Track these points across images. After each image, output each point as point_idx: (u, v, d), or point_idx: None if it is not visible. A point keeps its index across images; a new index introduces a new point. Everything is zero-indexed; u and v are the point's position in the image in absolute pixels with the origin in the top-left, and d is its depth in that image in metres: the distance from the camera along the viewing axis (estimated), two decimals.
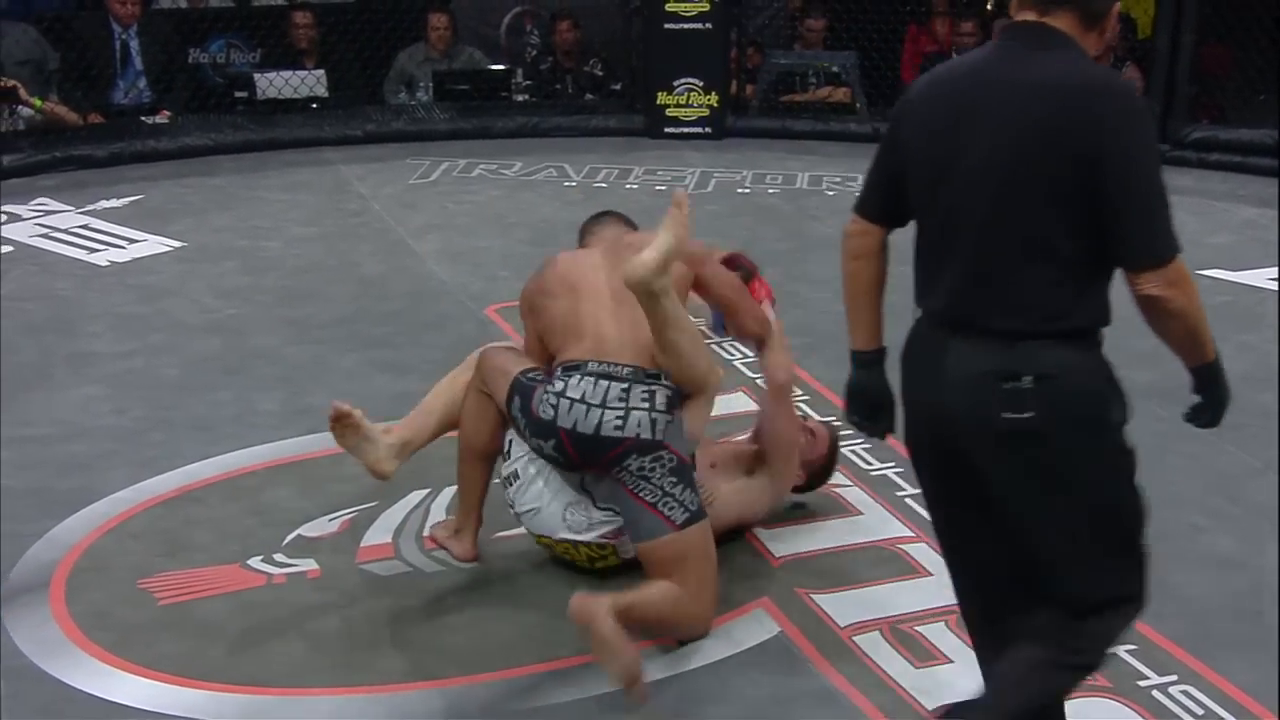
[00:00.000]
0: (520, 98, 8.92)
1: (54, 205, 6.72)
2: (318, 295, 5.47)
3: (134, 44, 8.13)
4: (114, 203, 6.76)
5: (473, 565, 3.31)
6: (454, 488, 3.40)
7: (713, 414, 4.17)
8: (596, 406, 3.00)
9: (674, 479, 3.02)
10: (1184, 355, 2.24)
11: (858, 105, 8.45)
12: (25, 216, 6.51)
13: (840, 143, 8.18)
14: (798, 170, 7.62)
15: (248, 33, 8.91)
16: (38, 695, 2.83)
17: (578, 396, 3.02)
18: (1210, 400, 2.29)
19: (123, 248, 6.08)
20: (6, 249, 6.03)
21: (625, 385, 3.03)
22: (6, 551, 3.35)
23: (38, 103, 7.57)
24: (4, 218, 6.45)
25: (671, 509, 3.00)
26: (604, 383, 3.03)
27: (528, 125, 8.45)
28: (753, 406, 4.34)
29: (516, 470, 3.23)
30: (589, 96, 8.98)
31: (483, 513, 3.32)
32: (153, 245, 6.11)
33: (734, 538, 3.41)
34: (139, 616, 3.11)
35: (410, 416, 3.36)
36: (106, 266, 5.85)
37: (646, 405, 3.01)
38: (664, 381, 3.08)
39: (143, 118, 8.05)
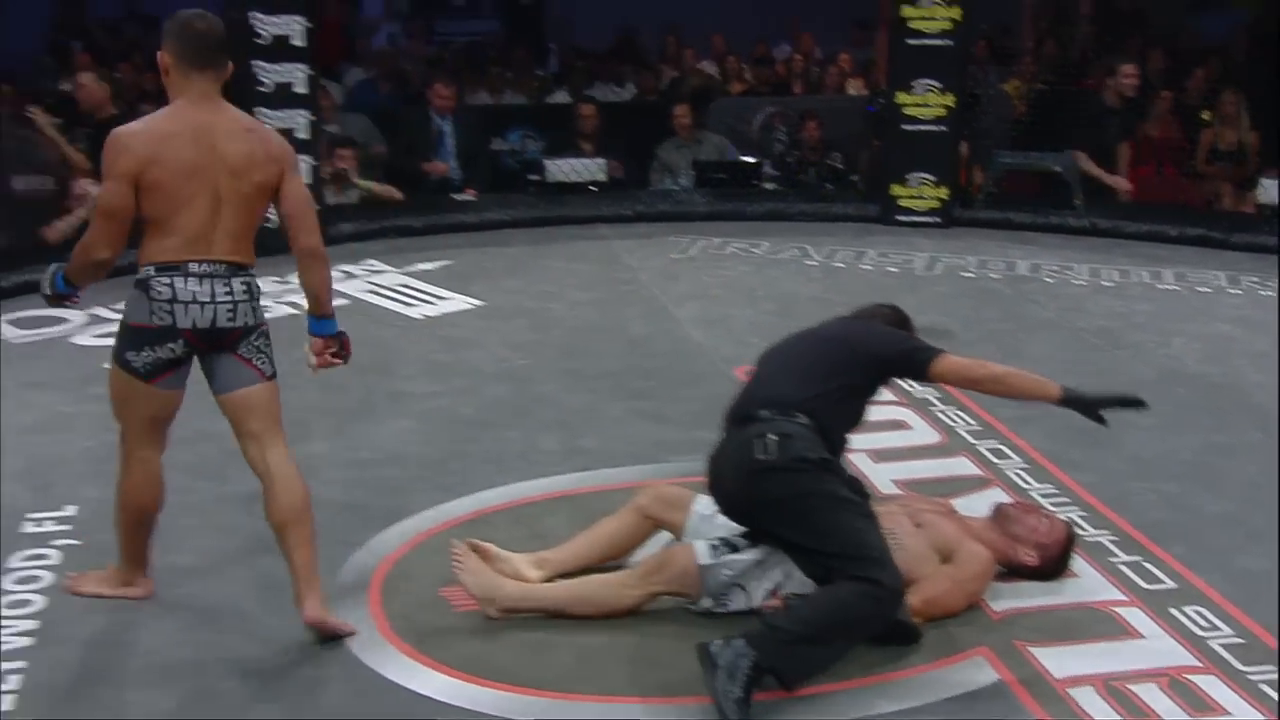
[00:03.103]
0: (768, 186, 8.96)
1: (380, 266, 6.96)
2: (592, 351, 5.55)
3: (448, 131, 8.49)
4: (428, 266, 6.97)
5: None
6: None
7: (935, 476, 4.12)
8: (209, 304, 3.00)
9: (266, 343, 3.14)
10: None
11: (1076, 201, 8.16)
12: (357, 275, 6.78)
13: (1058, 234, 7.93)
14: (1018, 258, 7.39)
15: (540, 126, 9.23)
16: (358, 682, 2.93)
17: (187, 299, 2.99)
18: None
19: (434, 304, 6.27)
20: (343, 302, 6.21)
21: (225, 281, 3.02)
22: (335, 557, 3.47)
23: (363, 183, 7.97)
24: (341, 275, 6.76)
25: (264, 364, 3.12)
26: (208, 281, 3.00)
27: (775, 210, 8.43)
28: (975, 471, 4.21)
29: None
30: (829, 187, 8.95)
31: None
32: (458, 303, 6.28)
33: None
34: (438, 620, 3.18)
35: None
36: (420, 319, 6.03)
37: (246, 296, 3.06)
38: (251, 272, 3.10)
39: (452, 195, 8.37)
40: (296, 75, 7.12)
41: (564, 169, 8.51)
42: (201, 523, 3.65)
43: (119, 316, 3.12)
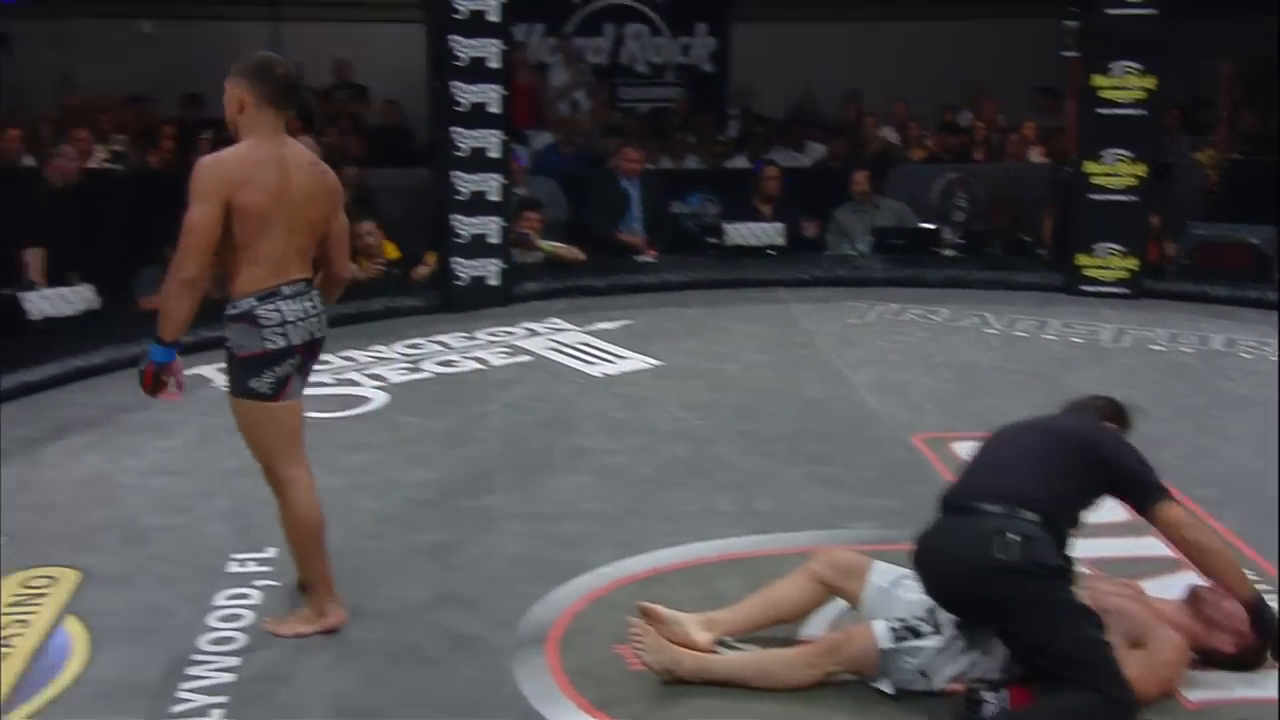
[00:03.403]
0: (948, 253, 8.80)
1: (562, 325, 7.05)
2: (768, 413, 5.50)
3: (634, 193, 8.61)
4: (608, 325, 7.03)
5: None
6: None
7: (1123, 555, 3.93)
8: (304, 319, 3.23)
9: None
10: None
11: (1275, 275, 7.77)
12: (540, 332, 6.88)
13: (1256, 309, 7.54)
14: (1211, 332, 7.05)
15: (718, 190, 9.28)
16: None
17: (293, 319, 3.21)
18: None
19: (613, 362, 6.30)
20: (526, 358, 6.39)
21: (309, 296, 3.27)
22: (515, 608, 3.52)
23: (545, 246, 8.13)
24: (525, 333, 6.88)
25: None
26: (299, 300, 3.23)
27: (954, 277, 8.27)
28: (1165, 552, 4.00)
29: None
30: (1013, 256, 8.73)
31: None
32: (636, 362, 6.30)
33: None
34: (614, 677, 3.17)
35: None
36: (600, 377, 6.06)
37: (323, 306, 3.32)
38: (313, 283, 3.32)
39: (634, 256, 8.47)
40: (491, 140, 7.35)
41: (742, 232, 8.54)
42: (392, 570, 3.74)
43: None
